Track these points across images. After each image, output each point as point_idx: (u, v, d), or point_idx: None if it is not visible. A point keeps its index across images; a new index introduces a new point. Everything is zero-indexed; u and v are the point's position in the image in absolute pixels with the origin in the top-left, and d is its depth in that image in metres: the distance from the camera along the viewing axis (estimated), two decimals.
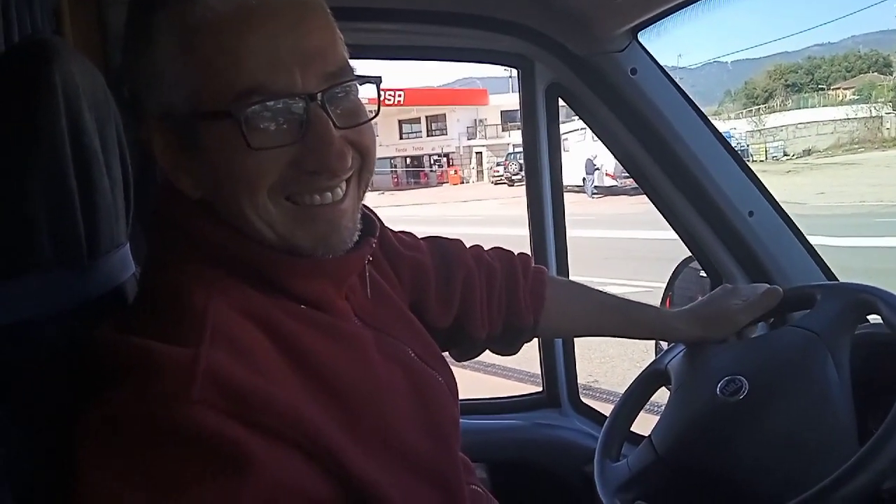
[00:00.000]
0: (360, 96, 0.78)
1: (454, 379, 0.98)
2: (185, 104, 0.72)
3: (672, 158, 1.51)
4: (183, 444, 0.62)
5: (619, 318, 1.27)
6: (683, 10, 1.35)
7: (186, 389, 0.63)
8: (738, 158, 1.55)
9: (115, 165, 0.87)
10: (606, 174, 22.57)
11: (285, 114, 0.72)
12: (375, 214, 0.94)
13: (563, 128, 1.77)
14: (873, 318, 1.13)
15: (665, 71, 1.51)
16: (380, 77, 0.78)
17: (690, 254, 1.66)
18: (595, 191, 23.87)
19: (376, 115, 0.79)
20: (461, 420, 0.96)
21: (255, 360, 0.69)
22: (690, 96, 1.53)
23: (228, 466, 0.63)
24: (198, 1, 0.70)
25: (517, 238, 1.85)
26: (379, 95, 0.81)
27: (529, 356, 1.65)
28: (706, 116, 1.53)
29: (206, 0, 0.70)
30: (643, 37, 1.51)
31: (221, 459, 0.63)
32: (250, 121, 0.70)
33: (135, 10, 0.76)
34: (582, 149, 21.91)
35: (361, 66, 0.79)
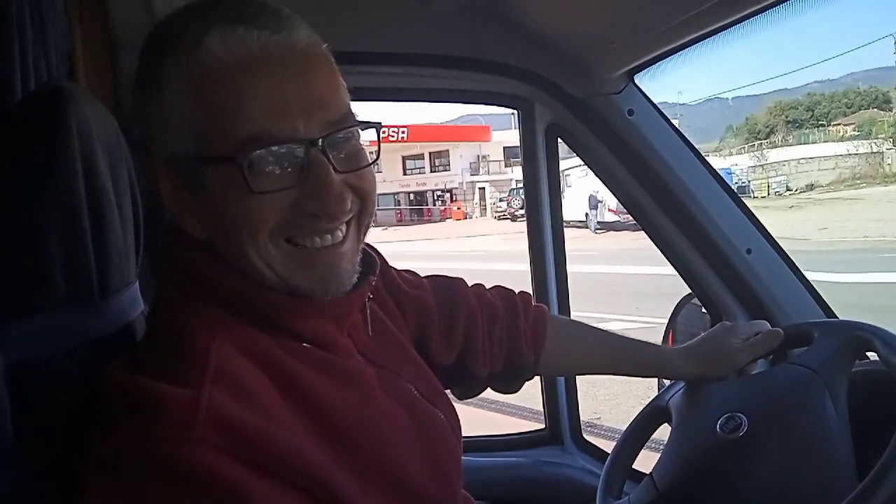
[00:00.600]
0: (361, 140, 0.80)
1: (457, 416, 0.98)
2: (191, 148, 0.74)
3: (670, 197, 1.53)
4: (183, 485, 0.63)
5: (619, 355, 1.27)
6: (678, 54, 1.38)
7: (188, 430, 0.64)
8: (735, 196, 1.57)
9: (126, 205, 0.90)
10: (609, 209, 22.62)
11: (287, 158, 0.73)
12: (377, 252, 0.95)
13: (565, 163, 1.80)
14: (872, 355, 1.14)
15: (661, 112, 1.55)
16: (380, 123, 0.80)
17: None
18: (598, 226, 23.89)
19: (377, 159, 0.81)
20: (463, 457, 0.96)
21: (256, 401, 0.70)
22: (692, 132, 1.58)
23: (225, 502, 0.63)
24: (204, 49, 0.72)
25: (519, 273, 1.87)
26: (379, 140, 0.83)
27: (532, 393, 1.65)
28: (702, 155, 1.56)
29: (212, 48, 0.71)
30: (640, 78, 1.54)
31: (220, 500, 0.63)
32: (253, 166, 0.72)
33: (144, 57, 0.78)
34: (585, 184, 21.99)
35: (363, 108, 0.81)
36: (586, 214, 24.31)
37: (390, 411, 0.83)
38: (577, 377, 1.81)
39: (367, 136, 0.81)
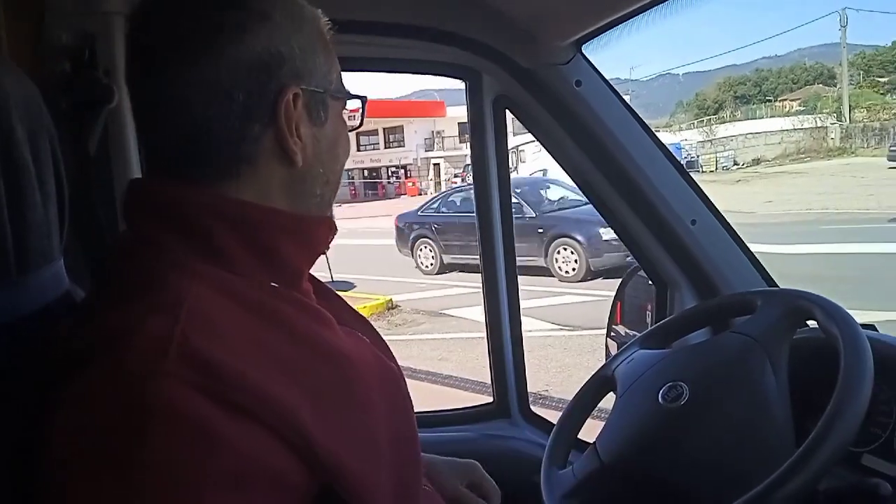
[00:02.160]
0: None
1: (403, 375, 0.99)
2: (323, 82, 0.83)
3: (616, 169, 1.53)
4: (151, 418, 0.63)
5: None
6: (626, 23, 1.37)
7: (157, 363, 0.65)
8: (681, 168, 1.58)
9: (49, 178, 0.85)
10: None
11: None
12: None
13: (519, 139, 1.80)
14: (812, 324, 1.16)
15: (609, 83, 1.54)
16: (365, 97, 0.92)
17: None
18: None
19: (359, 126, 0.96)
20: None
21: (230, 340, 0.71)
22: (643, 107, 1.58)
23: (196, 441, 0.64)
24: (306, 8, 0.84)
25: None
26: (363, 113, 0.95)
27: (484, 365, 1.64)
28: (649, 128, 1.56)
29: (306, 8, 0.84)
30: (588, 49, 1.53)
31: (190, 434, 0.64)
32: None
33: None
34: (539, 160, 22.12)
35: None
36: None
37: (355, 348, 0.85)
38: (524, 350, 1.82)
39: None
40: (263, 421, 0.68)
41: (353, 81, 0.99)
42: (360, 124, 0.95)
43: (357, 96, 0.90)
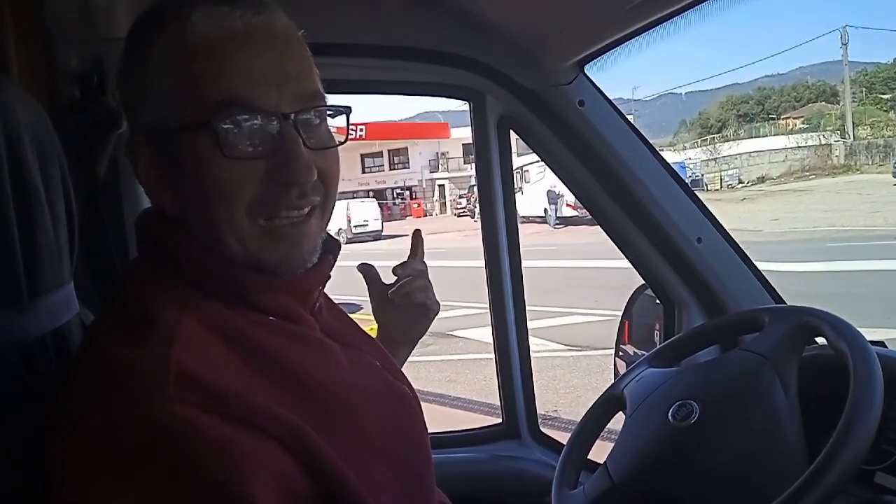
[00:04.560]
0: (330, 127, 0.84)
1: (416, 395, 0.99)
2: (169, 118, 0.77)
3: (621, 187, 1.54)
4: (165, 442, 0.65)
5: None
6: (627, 43, 1.38)
7: (162, 389, 0.66)
8: (685, 186, 1.58)
9: (59, 202, 0.86)
10: (567, 205, 22.83)
11: (261, 128, 0.77)
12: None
13: (524, 159, 1.81)
14: (821, 340, 1.16)
15: (612, 103, 1.55)
16: (350, 108, 0.84)
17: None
18: (557, 221, 24.09)
19: (344, 141, 0.85)
20: None
21: (222, 369, 0.72)
22: (646, 127, 1.58)
23: (215, 455, 0.65)
24: (189, 25, 0.76)
25: (479, 271, 1.86)
26: (348, 126, 0.87)
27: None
28: (653, 146, 1.57)
29: (197, 25, 0.76)
30: (591, 69, 1.54)
31: (204, 450, 0.65)
32: (227, 130, 0.75)
33: (131, 37, 0.82)
34: (544, 180, 22.16)
35: None
36: (545, 210, 24.50)
37: (358, 379, 0.85)
38: (532, 370, 1.81)
39: (334, 123, 0.86)
40: (270, 432, 0.69)
41: (359, 104, 0.96)
42: (345, 140, 0.86)
43: (212, 123, 0.75)
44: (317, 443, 0.72)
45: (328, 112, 0.83)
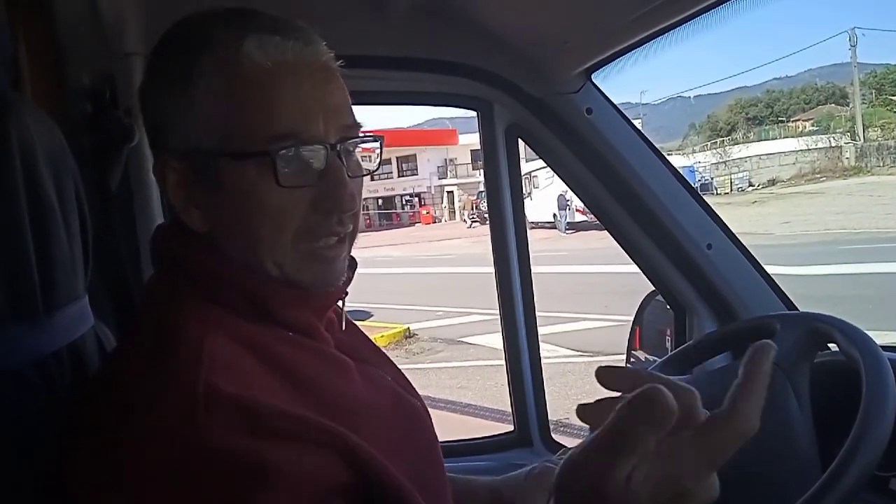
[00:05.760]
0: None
1: (426, 407, 0.99)
2: (214, 143, 0.78)
3: (630, 194, 1.54)
4: (199, 464, 0.65)
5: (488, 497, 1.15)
6: (634, 51, 1.39)
7: (192, 410, 0.66)
8: (694, 192, 1.59)
9: (73, 217, 0.87)
10: (577, 210, 22.78)
11: (310, 158, 0.79)
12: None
13: (532, 165, 1.81)
14: (833, 346, 1.16)
15: (620, 110, 1.56)
16: (382, 137, 0.88)
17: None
18: (567, 227, 24.04)
19: (377, 168, 0.90)
20: None
21: (251, 382, 0.72)
22: (655, 131, 1.59)
23: (247, 477, 0.65)
24: (242, 53, 0.77)
25: (488, 276, 1.86)
26: (381, 153, 0.90)
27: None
28: (661, 153, 1.57)
29: (251, 53, 0.77)
30: (598, 77, 1.55)
31: (243, 472, 0.65)
32: (282, 161, 0.77)
33: (168, 53, 0.82)
34: (554, 185, 22.13)
35: None
36: (555, 215, 24.46)
37: (371, 396, 0.85)
38: (543, 378, 1.81)
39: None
40: (305, 437, 0.70)
41: (367, 113, 0.98)
42: (378, 167, 0.90)
43: (268, 152, 0.76)
44: (353, 440, 0.73)
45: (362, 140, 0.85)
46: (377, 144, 0.89)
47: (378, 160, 0.90)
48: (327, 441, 0.71)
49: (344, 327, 0.94)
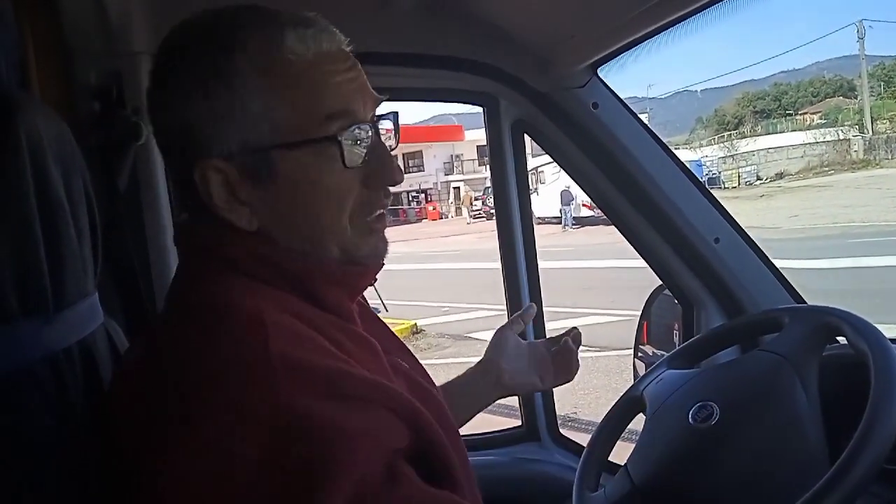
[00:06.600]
0: None
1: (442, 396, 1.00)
2: (265, 138, 0.79)
3: (637, 189, 1.54)
4: (291, 434, 0.66)
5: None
6: (640, 45, 1.39)
7: (271, 376, 0.68)
8: (702, 186, 1.58)
9: (82, 215, 0.88)
10: (583, 205, 22.73)
11: (363, 136, 0.82)
12: None
13: (538, 160, 1.81)
14: (842, 340, 1.15)
15: (626, 104, 1.55)
16: (397, 112, 0.90)
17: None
18: (572, 222, 24.00)
19: (395, 146, 0.90)
20: None
21: (314, 348, 0.74)
22: (662, 125, 1.58)
23: (328, 439, 0.66)
24: (284, 47, 0.79)
25: (494, 272, 1.87)
26: (398, 129, 0.91)
27: None
28: (668, 147, 1.57)
29: (292, 47, 0.79)
30: (604, 71, 1.55)
31: (322, 434, 0.67)
32: (345, 142, 0.80)
33: (201, 56, 0.80)
34: (559, 180, 22.08)
35: None
36: (561, 210, 24.41)
37: (396, 381, 0.86)
38: None
39: None
40: (378, 401, 0.73)
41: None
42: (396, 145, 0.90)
43: (333, 135, 0.79)
44: (415, 404, 0.76)
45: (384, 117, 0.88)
46: (391, 124, 0.91)
47: (397, 139, 0.91)
48: (395, 405, 0.74)
49: (366, 316, 0.96)
